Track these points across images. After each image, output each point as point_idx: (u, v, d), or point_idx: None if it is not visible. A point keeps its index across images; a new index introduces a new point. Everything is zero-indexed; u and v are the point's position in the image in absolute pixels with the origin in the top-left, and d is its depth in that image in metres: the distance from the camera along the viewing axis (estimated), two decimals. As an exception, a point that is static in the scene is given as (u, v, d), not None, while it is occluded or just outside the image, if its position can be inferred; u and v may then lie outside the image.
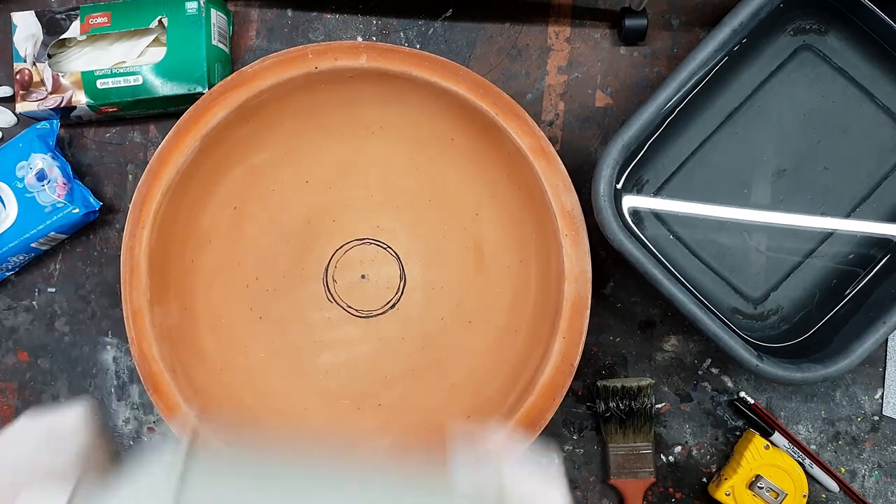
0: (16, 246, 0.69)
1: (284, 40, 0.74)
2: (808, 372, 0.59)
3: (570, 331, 0.62)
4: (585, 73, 0.73)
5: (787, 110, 0.67)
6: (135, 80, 0.68)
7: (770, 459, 0.67)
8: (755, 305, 0.67)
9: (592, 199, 0.60)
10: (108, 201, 0.74)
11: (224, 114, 0.63)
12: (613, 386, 0.69)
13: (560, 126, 0.73)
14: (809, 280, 0.67)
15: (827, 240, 0.66)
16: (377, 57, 0.63)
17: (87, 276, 0.74)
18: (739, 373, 0.71)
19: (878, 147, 0.67)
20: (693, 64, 0.60)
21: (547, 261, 0.65)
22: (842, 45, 0.67)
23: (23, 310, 0.74)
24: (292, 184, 0.70)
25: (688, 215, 0.67)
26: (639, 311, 0.72)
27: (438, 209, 0.71)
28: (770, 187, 0.67)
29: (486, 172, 0.69)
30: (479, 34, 0.73)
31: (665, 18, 0.73)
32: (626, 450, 0.69)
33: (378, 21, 0.74)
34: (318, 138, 0.69)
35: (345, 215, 0.71)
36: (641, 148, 0.67)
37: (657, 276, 0.59)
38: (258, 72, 0.63)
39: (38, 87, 0.70)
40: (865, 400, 0.71)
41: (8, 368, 0.74)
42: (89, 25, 0.69)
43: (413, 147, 0.70)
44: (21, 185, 0.69)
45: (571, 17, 0.73)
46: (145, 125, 0.74)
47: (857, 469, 0.71)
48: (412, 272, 0.71)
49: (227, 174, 0.68)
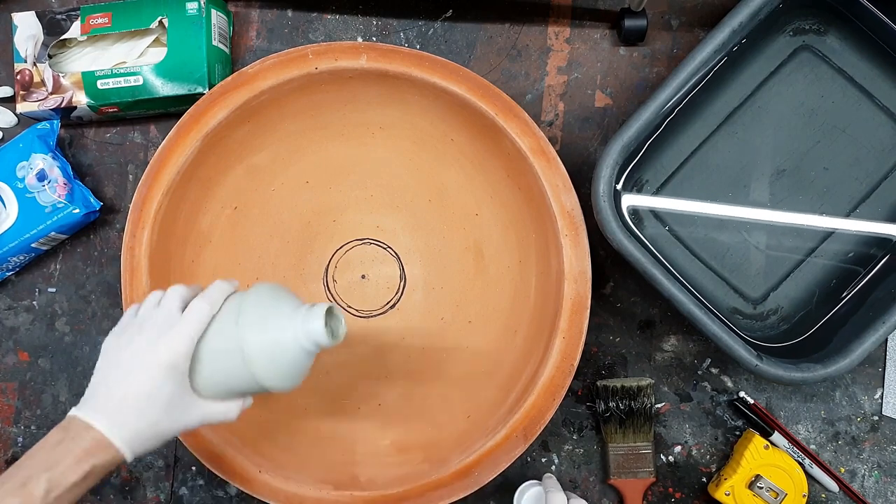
0: (16, 246, 0.70)
1: (284, 41, 0.74)
2: (808, 372, 0.59)
3: (570, 331, 0.62)
4: (585, 74, 0.73)
5: (787, 110, 0.67)
6: (135, 80, 0.69)
7: (770, 459, 0.67)
8: (755, 305, 0.67)
9: (592, 199, 0.60)
10: (108, 201, 0.74)
11: (224, 114, 0.63)
12: (613, 386, 0.69)
13: (560, 126, 0.73)
14: (809, 280, 0.67)
15: (827, 239, 0.67)
16: (377, 57, 0.64)
17: (87, 276, 0.74)
18: (739, 373, 0.71)
19: (878, 147, 0.67)
20: (693, 64, 0.60)
21: (547, 261, 0.65)
22: (841, 45, 0.67)
23: (23, 310, 0.74)
24: (292, 184, 0.71)
25: (687, 214, 0.67)
26: (638, 311, 0.72)
27: (438, 209, 0.71)
28: (769, 187, 0.67)
29: (486, 172, 0.69)
30: (479, 34, 0.73)
31: (665, 19, 0.73)
32: (626, 449, 0.69)
33: (378, 21, 0.74)
34: (318, 138, 0.70)
35: (345, 215, 0.72)
36: (641, 148, 0.67)
37: (657, 275, 0.59)
38: (258, 72, 0.64)
39: (38, 87, 0.70)
40: (865, 400, 0.71)
41: (8, 368, 0.74)
42: (90, 26, 0.69)
43: (413, 147, 0.70)
44: (21, 185, 0.69)
45: (571, 17, 0.73)
46: (145, 125, 0.74)
47: (857, 469, 0.71)
48: (412, 272, 0.71)
49: (227, 174, 0.68)
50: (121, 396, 0.48)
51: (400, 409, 0.70)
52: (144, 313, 0.52)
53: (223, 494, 0.73)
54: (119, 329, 0.52)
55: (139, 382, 0.48)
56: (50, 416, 0.74)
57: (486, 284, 0.70)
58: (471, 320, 0.70)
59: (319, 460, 0.67)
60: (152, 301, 0.52)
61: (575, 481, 0.72)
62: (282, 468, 0.64)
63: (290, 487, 0.63)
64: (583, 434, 0.72)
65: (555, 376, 0.62)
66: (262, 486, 0.63)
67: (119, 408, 0.48)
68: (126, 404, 0.48)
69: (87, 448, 0.46)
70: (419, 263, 0.71)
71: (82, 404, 0.49)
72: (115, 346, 0.51)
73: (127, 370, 0.49)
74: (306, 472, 0.64)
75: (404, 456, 0.67)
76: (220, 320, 0.51)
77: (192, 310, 0.51)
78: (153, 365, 0.49)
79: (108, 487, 0.73)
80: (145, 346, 0.49)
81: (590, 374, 0.72)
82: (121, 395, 0.48)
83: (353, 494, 0.63)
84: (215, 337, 0.51)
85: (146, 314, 0.51)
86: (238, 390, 0.53)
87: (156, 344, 0.49)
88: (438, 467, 0.63)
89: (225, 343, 0.51)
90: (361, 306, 0.71)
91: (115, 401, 0.48)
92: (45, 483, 0.45)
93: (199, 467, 0.73)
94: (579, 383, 0.72)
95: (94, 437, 0.47)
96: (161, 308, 0.51)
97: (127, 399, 0.48)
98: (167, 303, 0.51)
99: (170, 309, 0.51)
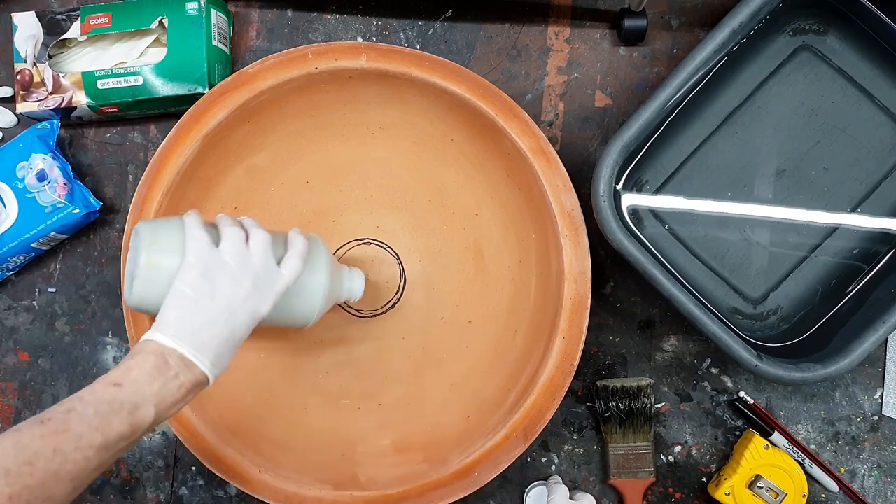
0: (16, 246, 0.70)
1: (285, 41, 0.74)
2: (808, 372, 0.59)
3: (570, 331, 0.62)
4: (585, 74, 0.73)
5: (787, 110, 0.67)
6: (135, 80, 0.69)
7: (770, 459, 0.67)
8: (755, 305, 0.67)
9: (592, 199, 0.60)
10: (108, 201, 0.74)
11: (224, 114, 0.63)
12: (613, 386, 0.69)
13: (560, 126, 0.73)
14: (809, 280, 0.67)
15: (827, 239, 0.67)
16: (377, 57, 0.64)
17: (87, 276, 0.74)
18: (739, 373, 0.71)
19: (878, 147, 0.67)
20: (693, 64, 0.60)
21: (547, 261, 0.65)
22: (841, 45, 0.67)
23: (23, 310, 0.74)
24: (292, 184, 0.71)
25: (687, 213, 0.67)
26: (638, 311, 0.72)
27: (438, 209, 0.71)
28: (770, 187, 0.67)
29: (486, 172, 0.69)
30: (478, 34, 0.73)
31: (665, 19, 0.73)
32: (626, 449, 0.69)
33: (378, 21, 0.74)
34: (318, 138, 0.70)
35: (345, 215, 0.72)
36: (641, 148, 0.67)
37: (657, 275, 0.59)
38: (258, 72, 0.64)
39: (38, 87, 0.70)
40: (865, 400, 0.71)
41: (8, 368, 0.74)
42: (90, 26, 0.69)
43: (413, 147, 0.70)
44: (21, 185, 0.69)
45: (571, 17, 0.73)
46: (145, 125, 0.74)
47: (857, 469, 0.71)
48: (412, 272, 0.71)
49: (227, 174, 0.68)
50: (220, 341, 0.51)
51: (400, 409, 0.70)
52: (235, 257, 0.53)
53: (223, 494, 0.73)
54: (200, 264, 0.52)
55: (231, 330, 0.52)
56: (50, 416, 0.74)
57: (486, 284, 0.70)
58: (471, 320, 0.70)
59: (319, 460, 0.67)
60: (237, 241, 0.53)
61: (575, 481, 0.72)
62: (281, 468, 0.64)
63: (290, 487, 0.63)
64: (583, 434, 0.72)
65: (555, 376, 0.62)
66: (262, 486, 0.63)
67: (218, 352, 0.51)
68: (222, 349, 0.52)
69: (187, 385, 0.50)
70: (419, 263, 0.71)
71: (179, 335, 0.50)
72: (204, 286, 0.51)
73: (226, 316, 0.51)
74: (306, 471, 0.64)
75: (404, 456, 0.67)
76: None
77: (291, 268, 0.55)
78: (249, 318, 0.53)
79: (107, 487, 0.73)
80: (243, 298, 0.52)
81: (590, 374, 0.72)
82: (220, 339, 0.51)
83: (353, 494, 0.63)
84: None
85: (237, 259, 0.53)
86: (279, 324, 0.60)
87: (257, 299, 0.53)
88: (438, 467, 0.63)
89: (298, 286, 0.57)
90: (361, 306, 0.71)
91: (215, 345, 0.51)
92: (153, 411, 0.48)
93: (199, 467, 0.73)
94: (579, 383, 0.72)
95: (196, 375, 0.50)
96: (254, 257, 0.53)
97: (222, 343, 0.52)
98: (262, 254, 0.54)
99: (268, 263, 0.54)
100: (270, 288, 0.54)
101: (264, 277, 0.54)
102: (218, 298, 0.51)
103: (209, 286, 0.51)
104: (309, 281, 0.58)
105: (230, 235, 0.54)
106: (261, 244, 0.54)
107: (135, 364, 0.48)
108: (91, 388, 0.47)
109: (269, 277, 0.54)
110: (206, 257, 0.52)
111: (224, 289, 0.52)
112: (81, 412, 0.45)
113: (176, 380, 0.49)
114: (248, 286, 0.53)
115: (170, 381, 0.49)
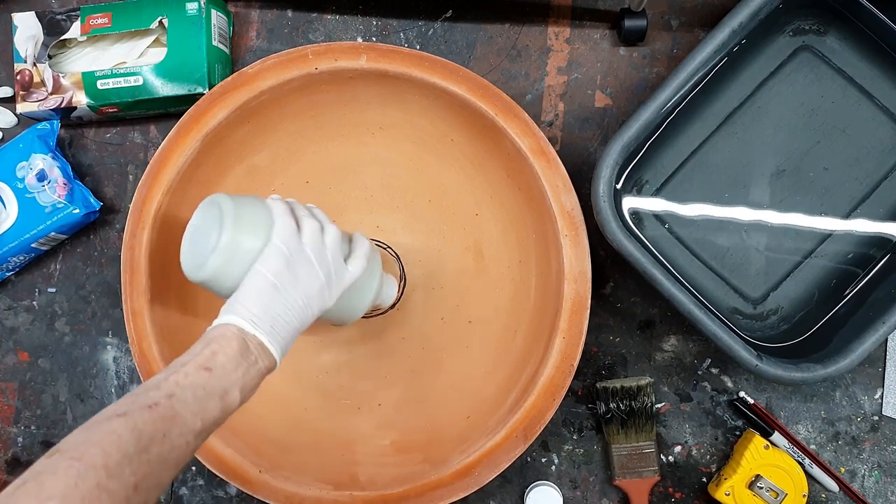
0: (16, 246, 0.70)
1: (285, 41, 0.74)
2: (808, 372, 0.59)
3: (570, 331, 0.62)
4: (585, 74, 0.73)
5: (787, 111, 0.67)
6: (135, 80, 0.69)
7: (770, 459, 0.67)
8: (755, 305, 0.67)
9: (592, 199, 0.60)
10: (108, 201, 0.74)
11: (224, 114, 0.63)
12: (613, 387, 0.69)
13: (560, 126, 0.73)
14: (809, 280, 0.67)
15: (827, 239, 0.67)
16: (377, 58, 0.64)
17: (87, 277, 0.74)
18: (739, 373, 0.71)
19: (878, 147, 0.67)
20: (692, 64, 0.60)
21: (547, 261, 0.65)
22: (841, 45, 0.67)
23: (23, 310, 0.74)
24: (292, 184, 0.71)
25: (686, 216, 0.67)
26: (638, 311, 0.72)
27: (438, 209, 0.71)
28: (769, 187, 0.67)
29: (486, 172, 0.69)
30: (478, 35, 0.73)
31: (664, 19, 0.73)
32: (630, 449, 0.69)
33: (378, 22, 0.74)
34: (318, 138, 0.70)
35: (345, 215, 0.72)
36: (641, 148, 0.67)
37: (657, 276, 0.59)
38: (258, 72, 0.64)
39: (38, 87, 0.70)
40: (865, 400, 0.71)
41: (8, 368, 0.74)
42: (90, 26, 0.70)
43: (413, 147, 0.70)
44: (21, 185, 0.69)
45: (571, 17, 0.73)
46: (145, 125, 0.74)
47: (857, 469, 0.71)
48: (412, 272, 0.71)
49: (227, 174, 0.68)
50: (291, 330, 0.52)
51: (400, 409, 0.70)
52: (314, 249, 0.54)
53: (223, 494, 0.73)
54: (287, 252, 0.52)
55: (301, 321, 0.53)
56: (50, 416, 0.74)
57: (485, 284, 0.70)
58: (471, 320, 0.70)
59: (319, 460, 0.67)
60: (316, 233, 0.54)
61: (575, 481, 0.72)
62: (281, 468, 0.64)
63: (290, 487, 0.63)
64: (583, 434, 0.72)
65: (555, 376, 0.62)
66: (262, 486, 0.63)
67: (287, 341, 0.52)
68: (290, 338, 0.53)
69: (263, 371, 0.50)
70: (419, 263, 0.71)
71: (259, 322, 0.50)
72: (286, 275, 0.52)
73: (301, 307, 0.52)
74: (306, 471, 0.64)
75: (404, 456, 0.67)
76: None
77: (358, 267, 0.57)
78: (317, 310, 0.54)
79: (108, 487, 0.73)
80: (318, 291, 0.53)
81: (590, 374, 0.72)
82: (291, 328, 0.52)
83: (353, 494, 0.63)
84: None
85: (316, 252, 0.54)
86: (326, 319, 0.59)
87: (327, 293, 0.54)
88: (438, 467, 0.63)
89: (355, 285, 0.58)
90: (361, 306, 0.71)
91: (286, 333, 0.52)
92: (239, 395, 0.48)
93: (199, 467, 0.73)
94: (579, 383, 0.72)
95: (269, 363, 0.51)
96: (329, 251, 0.55)
97: (292, 333, 0.53)
98: (336, 250, 0.55)
99: (339, 259, 0.56)
100: (339, 284, 0.55)
101: (335, 273, 0.55)
102: (297, 289, 0.52)
103: (291, 276, 0.52)
104: (365, 282, 0.59)
105: (310, 227, 0.54)
106: (336, 240, 0.55)
107: (219, 348, 0.48)
108: (183, 372, 0.46)
109: (339, 274, 0.55)
110: (293, 247, 0.53)
111: (304, 280, 0.53)
112: (182, 397, 0.45)
113: (255, 366, 0.49)
114: (323, 280, 0.54)
115: (251, 367, 0.49)
